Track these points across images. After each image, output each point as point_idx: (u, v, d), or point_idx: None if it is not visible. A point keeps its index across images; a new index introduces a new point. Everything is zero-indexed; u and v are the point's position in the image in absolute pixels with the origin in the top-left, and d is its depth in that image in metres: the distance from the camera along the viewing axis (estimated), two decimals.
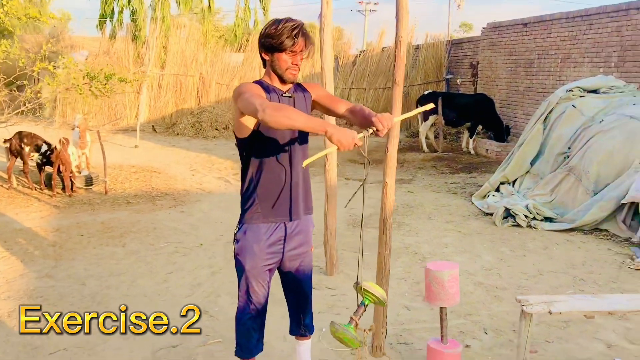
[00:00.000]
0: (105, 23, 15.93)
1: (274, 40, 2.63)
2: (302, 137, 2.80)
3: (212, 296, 4.56)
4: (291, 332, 3.14)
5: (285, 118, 2.36)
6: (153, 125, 15.12)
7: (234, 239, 2.84)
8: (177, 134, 14.51)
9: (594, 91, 7.94)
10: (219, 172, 10.02)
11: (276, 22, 2.65)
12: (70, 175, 7.86)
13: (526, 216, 6.69)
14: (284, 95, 2.72)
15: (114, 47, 16.01)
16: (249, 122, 2.67)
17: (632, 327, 4.02)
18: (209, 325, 4.01)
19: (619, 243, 6.05)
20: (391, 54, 16.83)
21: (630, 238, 6.11)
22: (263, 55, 2.72)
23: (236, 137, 2.79)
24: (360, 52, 17.14)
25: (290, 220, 2.81)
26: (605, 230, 6.40)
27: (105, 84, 7.80)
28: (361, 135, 2.43)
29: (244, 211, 2.80)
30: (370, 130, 2.49)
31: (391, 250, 3.63)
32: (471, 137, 12.50)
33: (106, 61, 15.01)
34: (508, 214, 6.79)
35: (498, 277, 5.06)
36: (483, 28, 14.61)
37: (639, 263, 5.32)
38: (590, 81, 8.14)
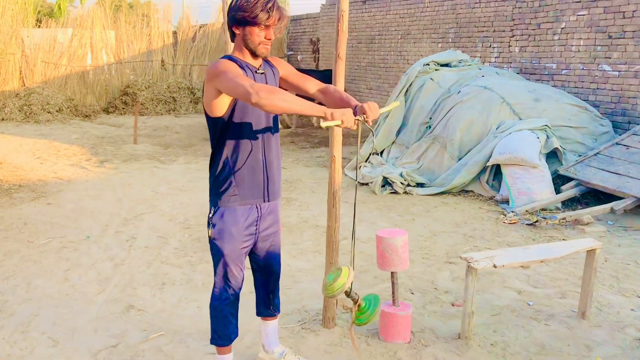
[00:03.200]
0: None
1: (246, 14, 2.52)
2: (274, 117, 2.75)
3: (129, 289, 4.27)
4: (258, 314, 3.10)
5: (282, 101, 2.30)
6: None
7: (209, 223, 2.71)
8: (2, 119, 13.00)
9: (447, 65, 8.65)
10: (69, 159, 9.21)
11: None
12: None
13: (402, 183, 7.15)
14: (257, 71, 2.64)
15: None
16: (224, 102, 2.55)
17: (531, 274, 4.55)
18: (142, 320, 3.76)
19: (486, 202, 6.74)
20: None
21: (494, 197, 6.84)
22: (233, 29, 2.60)
23: (208, 118, 2.64)
24: (200, 27, 16.65)
25: (268, 200, 2.76)
26: (471, 191, 7.08)
27: None
28: (357, 117, 2.45)
29: (218, 194, 2.68)
30: (361, 118, 2.49)
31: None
32: None
33: None
34: (385, 182, 7.20)
35: None
36: (322, 5, 15.02)
37: (511, 217, 6.00)
38: (443, 55, 8.85)
